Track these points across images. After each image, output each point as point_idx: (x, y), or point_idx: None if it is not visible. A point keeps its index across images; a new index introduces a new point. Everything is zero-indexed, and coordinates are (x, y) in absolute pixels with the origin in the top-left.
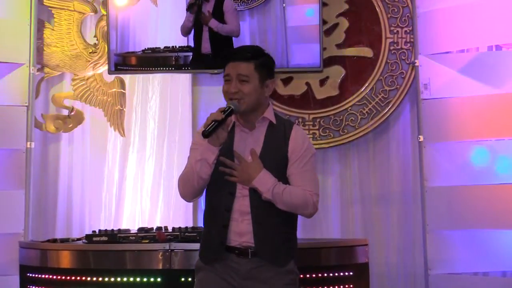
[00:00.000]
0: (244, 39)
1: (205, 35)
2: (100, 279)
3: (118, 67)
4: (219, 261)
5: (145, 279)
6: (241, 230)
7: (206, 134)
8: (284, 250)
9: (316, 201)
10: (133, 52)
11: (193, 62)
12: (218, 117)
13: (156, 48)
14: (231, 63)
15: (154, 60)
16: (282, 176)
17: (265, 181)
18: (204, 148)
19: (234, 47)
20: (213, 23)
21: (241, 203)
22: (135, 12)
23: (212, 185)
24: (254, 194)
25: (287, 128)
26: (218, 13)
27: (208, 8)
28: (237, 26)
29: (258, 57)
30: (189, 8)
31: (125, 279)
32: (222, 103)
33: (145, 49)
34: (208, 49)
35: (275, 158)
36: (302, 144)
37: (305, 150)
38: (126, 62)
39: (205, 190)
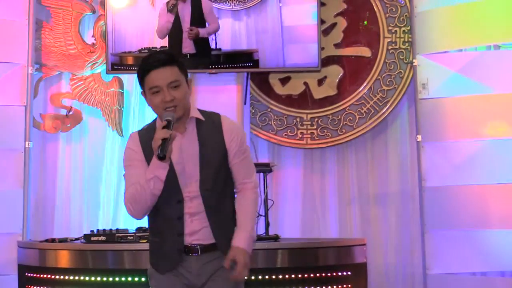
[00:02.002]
0: (240, 39)
1: (185, 35)
2: (99, 278)
3: (115, 67)
4: (175, 267)
5: (143, 279)
6: (192, 230)
7: (163, 156)
8: None
9: (257, 189)
10: (129, 52)
11: None
12: (166, 135)
13: (152, 47)
14: (155, 72)
15: None
16: (224, 167)
17: (249, 243)
18: (154, 166)
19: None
20: (203, 32)
21: (189, 205)
22: (131, 12)
23: (159, 196)
24: (206, 193)
25: (216, 120)
26: (197, 13)
27: (185, 8)
28: (217, 23)
29: (177, 59)
30: (171, 9)
31: (123, 278)
32: (218, 101)
33: (142, 49)
34: (188, 48)
35: (214, 152)
36: (237, 134)
37: (241, 139)
38: (122, 62)
39: None
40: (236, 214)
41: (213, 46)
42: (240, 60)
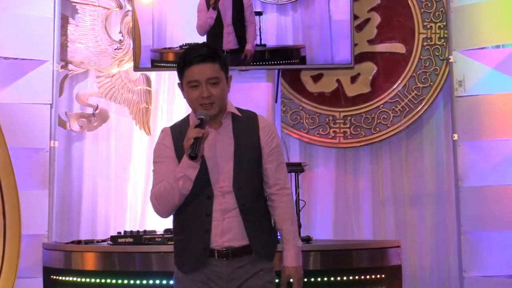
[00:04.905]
0: (287, 34)
1: (228, 29)
2: (126, 281)
3: (155, 63)
4: (201, 267)
5: (171, 282)
6: (222, 229)
7: (194, 155)
8: (272, 243)
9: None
10: (170, 48)
11: None
12: (198, 134)
13: (194, 43)
14: (196, 67)
15: None
16: (258, 166)
17: (298, 257)
18: (185, 165)
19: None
20: (252, 46)
21: (221, 201)
22: (172, 6)
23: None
24: (239, 190)
25: (253, 118)
26: (238, 8)
27: (226, 2)
28: (254, 20)
29: (220, 55)
30: (214, 5)
31: (151, 281)
32: (248, 99)
33: (183, 45)
34: (229, 45)
35: (249, 150)
36: (273, 135)
37: (276, 141)
38: (163, 58)
39: None
40: (277, 224)
41: (257, 42)
42: (286, 56)
